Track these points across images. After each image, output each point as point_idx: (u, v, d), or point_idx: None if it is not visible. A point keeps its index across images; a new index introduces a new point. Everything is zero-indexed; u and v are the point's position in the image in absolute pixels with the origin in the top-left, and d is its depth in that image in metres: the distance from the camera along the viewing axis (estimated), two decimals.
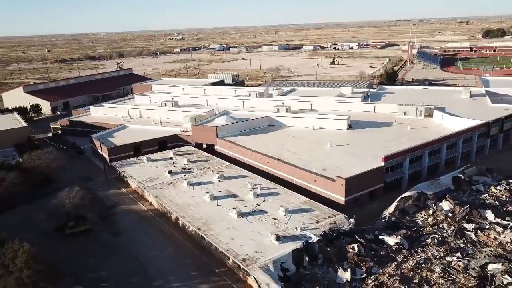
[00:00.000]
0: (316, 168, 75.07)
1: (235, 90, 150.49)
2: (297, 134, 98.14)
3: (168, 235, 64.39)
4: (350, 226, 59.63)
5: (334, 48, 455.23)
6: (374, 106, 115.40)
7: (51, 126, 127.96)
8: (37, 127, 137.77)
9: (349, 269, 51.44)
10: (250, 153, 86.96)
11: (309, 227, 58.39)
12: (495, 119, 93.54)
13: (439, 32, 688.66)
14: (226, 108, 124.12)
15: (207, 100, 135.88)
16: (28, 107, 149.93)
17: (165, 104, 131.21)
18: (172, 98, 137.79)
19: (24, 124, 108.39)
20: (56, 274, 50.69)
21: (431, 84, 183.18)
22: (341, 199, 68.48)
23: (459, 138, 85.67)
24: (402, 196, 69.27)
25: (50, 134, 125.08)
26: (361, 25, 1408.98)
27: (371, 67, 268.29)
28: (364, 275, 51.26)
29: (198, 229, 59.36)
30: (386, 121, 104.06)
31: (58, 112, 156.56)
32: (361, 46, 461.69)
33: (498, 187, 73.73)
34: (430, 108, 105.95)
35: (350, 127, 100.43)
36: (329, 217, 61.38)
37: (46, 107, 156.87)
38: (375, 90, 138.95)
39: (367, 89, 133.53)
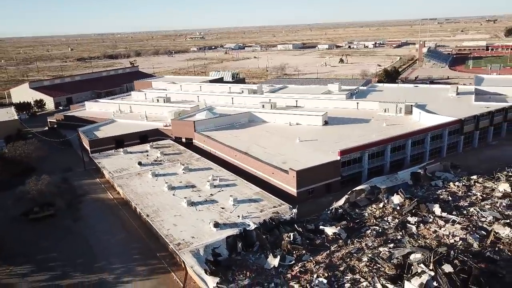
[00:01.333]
0: (277, 161, 77.04)
1: (230, 87, 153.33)
2: (273, 129, 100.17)
3: (125, 222, 67.75)
4: (291, 216, 61.55)
5: (349, 47, 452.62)
6: (357, 103, 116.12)
7: (48, 120, 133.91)
8: (38, 121, 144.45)
9: (279, 256, 53.50)
10: (221, 147, 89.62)
11: (251, 215, 60.62)
12: (468, 117, 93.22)
13: (461, 31, 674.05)
14: (215, 104, 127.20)
15: (198, 96, 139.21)
16: (32, 103, 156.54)
17: (157, 100, 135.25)
18: (166, 95, 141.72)
19: (15, 118, 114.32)
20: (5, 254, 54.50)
21: (432, 82, 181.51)
22: (293, 190, 70.37)
23: (427, 135, 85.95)
24: (354, 189, 70.74)
25: (46, 128, 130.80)
26: (386, 24, 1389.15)
27: (379, 65, 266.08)
28: (293, 262, 53.20)
29: (147, 215, 62.48)
30: (365, 117, 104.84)
31: (61, 108, 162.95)
32: (377, 45, 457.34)
33: (457, 183, 74.04)
34: (410, 105, 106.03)
35: (326, 123, 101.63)
36: (274, 207, 63.47)
37: (49, 103, 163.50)
38: (364, 88, 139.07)
39: (355, 87, 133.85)
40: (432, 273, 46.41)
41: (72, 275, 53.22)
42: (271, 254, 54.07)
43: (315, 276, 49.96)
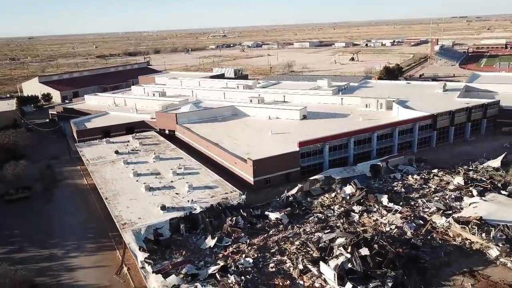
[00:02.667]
0: (242, 152, 79.97)
1: (226, 83, 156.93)
2: (252, 122, 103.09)
3: (90, 204, 72.34)
4: (239, 201, 64.46)
5: (366, 45, 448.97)
6: (342, 99, 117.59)
7: (49, 112, 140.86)
8: (44, 113, 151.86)
9: (216, 237, 56.70)
10: (197, 138, 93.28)
11: (200, 200, 63.90)
12: (441, 112, 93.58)
13: (488, 29, 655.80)
14: (209, 98, 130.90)
15: (192, 91, 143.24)
16: (40, 96, 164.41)
17: (153, 94, 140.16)
18: (163, 89, 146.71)
19: (13, 109, 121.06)
20: None
21: (434, 80, 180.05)
22: (250, 179, 73.25)
23: (394, 129, 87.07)
24: (309, 179, 73.06)
25: (47, 120, 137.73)
26: (413, 22, 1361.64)
27: (389, 63, 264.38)
28: (229, 243, 56.24)
29: (106, 198, 66.66)
30: (344, 112, 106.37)
31: (67, 101, 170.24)
32: (395, 43, 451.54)
33: (415, 176, 75.24)
34: (390, 101, 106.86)
35: (305, 117, 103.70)
36: (226, 193, 66.56)
37: (57, 97, 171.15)
38: (356, 84, 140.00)
39: (345, 83, 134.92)
40: (349, 256, 48.62)
41: (27, 249, 57.91)
42: (210, 235, 57.31)
43: (243, 256, 52.92)
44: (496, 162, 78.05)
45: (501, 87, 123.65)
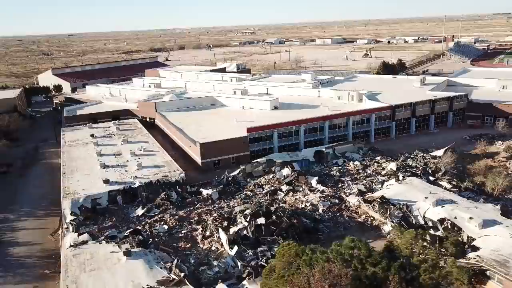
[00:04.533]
0: (199, 136, 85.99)
1: (222, 76, 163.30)
2: (225, 112, 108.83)
3: (56, 180, 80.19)
4: (177, 179, 70.73)
5: (389, 42, 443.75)
6: (319, 91, 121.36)
7: (54, 101, 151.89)
8: (52, 102, 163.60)
9: (146, 208, 63.30)
10: (167, 124, 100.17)
11: (143, 177, 70.61)
12: (401, 103, 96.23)
13: None
14: (203, 90, 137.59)
15: (185, 83, 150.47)
16: (51, 87, 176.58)
17: (149, 86, 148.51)
18: (159, 81, 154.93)
19: (13, 97, 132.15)
20: None
21: (434, 75, 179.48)
22: (199, 160, 79.32)
23: (348, 118, 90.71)
24: (253, 161, 78.38)
25: (51, 108, 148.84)
26: (451, 19, 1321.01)
27: (400, 60, 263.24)
28: (156, 213, 62.68)
29: (64, 173, 74.55)
30: (316, 104, 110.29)
31: (76, 92, 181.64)
32: (419, 40, 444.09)
33: (356, 163, 79.02)
34: (361, 93, 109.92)
35: (276, 108, 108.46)
36: (169, 172, 72.99)
37: (67, 88, 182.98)
38: (342, 78, 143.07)
39: (329, 77, 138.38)
40: (246, 224, 53.97)
41: None
42: (141, 206, 63.98)
43: (161, 223, 59.24)
44: (440, 152, 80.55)
45: (482, 81, 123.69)
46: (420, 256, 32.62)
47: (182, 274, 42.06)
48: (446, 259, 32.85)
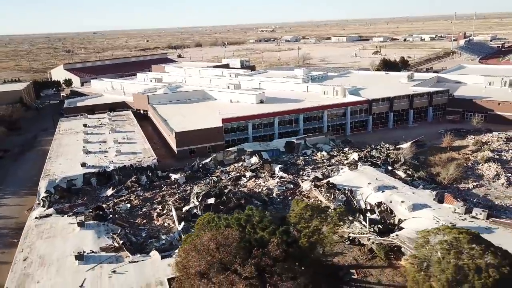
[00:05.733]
0: (181, 127, 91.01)
1: (222, 71, 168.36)
2: (213, 104, 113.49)
3: (43, 164, 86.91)
4: (149, 164, 75.96)
5: (404, 40, 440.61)
6: (307, 86, 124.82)
7: (61, 94, 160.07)
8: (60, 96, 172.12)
9: (116, 189, 68.79)
10: (156, 116, 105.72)
11: (119, 162, 76.14)
12: (378, 98, 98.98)
13: None
14: (201, 85, 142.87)
15: (185, 78, 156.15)
16: (62, 81, 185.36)
17: (151, 81, 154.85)
18: (161, 76, 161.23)
19: (19, 89, 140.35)
20: None
21: (435, 72, 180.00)
22: (175, 148, 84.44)
23: (323, 112, 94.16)
24: (225, 150, 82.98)
25: (57, 101, 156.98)
26: (478, 16, 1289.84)
27: (409, 57, 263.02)
28: (124, 194, 68.06)
29: (49, 158, 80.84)
30: (301, 98, 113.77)
31: (84, 86, 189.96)
32: (436, 38, 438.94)
33: (323, 153, 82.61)
34: (346, 88, 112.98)
35: (262, 101, 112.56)
36: (143, 158, 78.35)
37: (77, 82, 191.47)
38: (335, 73, 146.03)
39: (322, 73, 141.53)
40: (197, 203, 58.70)
41: None
42: (111, 188, 69.51)
43: (126, 202, 64.57)
44: (407, 144, 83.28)
45: (471, 78, 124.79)
46: (304, 223, 36.52)
47: (121, 242, 47.05)
48: (333, 227, 36.56)
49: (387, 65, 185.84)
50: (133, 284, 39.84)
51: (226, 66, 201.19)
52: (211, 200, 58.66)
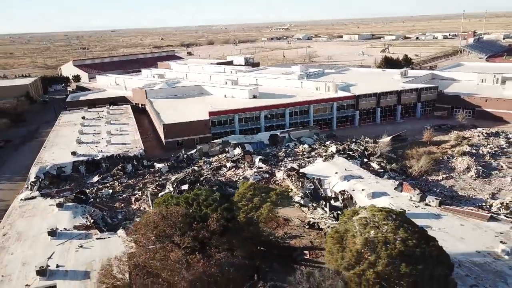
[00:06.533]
0: (171, 119, 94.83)
1: (224, 68, 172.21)
2: (208, 99, 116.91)
3: None
4: (135, 154, 79.87)
5: (417, 38, 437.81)
6: (301, 82, 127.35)
7: (68, 89, 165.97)
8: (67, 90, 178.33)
9: (101, 176, 72.89)
10: (151, 109, 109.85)
11: (108, 151, 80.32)
12: (365, 93, 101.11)
13: None
14: (201, 81, 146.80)
15: (186, 74, 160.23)
16: (70, 77, 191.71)
17: (154, 76, 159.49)
18: (164, 72, 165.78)
19: (26, 84, 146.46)
20: None
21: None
22: (163, 140, 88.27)
23: (309, 107, 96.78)
24: (210, 142, 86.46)
25: (64, 95, 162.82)
26: (499, 15, 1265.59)
27: (416, 55, 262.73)
28: (109, 181, 72.08)
29: (44, 147, 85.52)
30: (293, 94, 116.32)
31: (90, 81, 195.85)
32: (450, 36, 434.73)
33: (305, 146, 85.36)
34: (337, 84, 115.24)
35: (255, 96, 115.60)
36: (131, 148, 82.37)
37: (85, 78, 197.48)
38: (333, 70, 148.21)
39: (319, 69, 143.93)
40: (172, 189, 62.28)
41: None
42: (98, 175, 73.66)
43: (109, 188, 68.57)
44: (387, 138, 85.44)
45: (464, 75, 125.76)
46: (245, 201, 39.64)
47: (92, 221, 50.88)
48: (269, 205, 39.52)
49: (389, 63, 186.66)
50: (96, 257, 43.45)
51: (230, 63, 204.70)
52: (185, 187, 62.14)
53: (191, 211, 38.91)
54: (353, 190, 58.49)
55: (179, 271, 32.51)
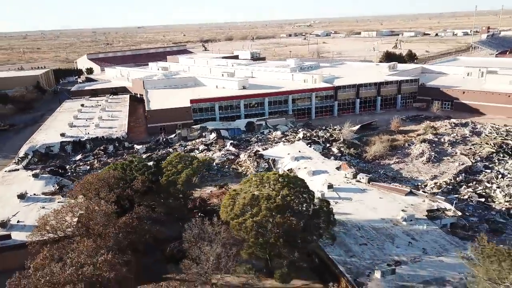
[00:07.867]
0: (160, 106, 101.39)
1: (226, 62, 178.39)
2: (200, 90, 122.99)
3: None
4: (118, 136, 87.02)
5: (436, 34, 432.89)
6: (292, 75, 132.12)
7: (78, 80, 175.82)
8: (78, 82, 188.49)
9: (84, 155, 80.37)
10: (145, 98, 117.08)
11: (94, 133, 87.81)
12: (343, 85, 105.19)
13: None
14: (202, 73, 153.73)
15: (189, 67, 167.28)
16: (84, 69, 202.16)
17: (158, 69, 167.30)
18: (168, 65, 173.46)
19: (36, 74, 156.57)
20: None
21: None
22: (147, 125, 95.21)
23: (288, 96, 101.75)
24: (189, 127, 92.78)
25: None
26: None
27: (427, 51, 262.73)
28: (90, 159, 79.43)
29: (40, 129, 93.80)
30: (280, 85, 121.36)
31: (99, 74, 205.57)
32: (470, 33, 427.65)
33: (278, 132, 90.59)
34: (323, 77, 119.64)
35: (244, 88, 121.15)
36: (115, 131, 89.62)
37: (98, 70, 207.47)
38: (328, 64, 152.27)
39: (313, 63, 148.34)
40: None
41: None
42: (81, 154, 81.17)
43: (87, 165, 75.86)
44: (357, 126, 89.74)
45: (452, 69, 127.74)
46: (171, 167, 45.74)
47: (57, 188, 57.97)
48: (189, 170, 45.34)
49: (391, 58, 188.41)
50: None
51: (236, 57, 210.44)
52: (150, 163, 68.46)
53: (126, 175, 45.14)
54: (299, 168, 63.62)
55: (105, 223, 38.78)
